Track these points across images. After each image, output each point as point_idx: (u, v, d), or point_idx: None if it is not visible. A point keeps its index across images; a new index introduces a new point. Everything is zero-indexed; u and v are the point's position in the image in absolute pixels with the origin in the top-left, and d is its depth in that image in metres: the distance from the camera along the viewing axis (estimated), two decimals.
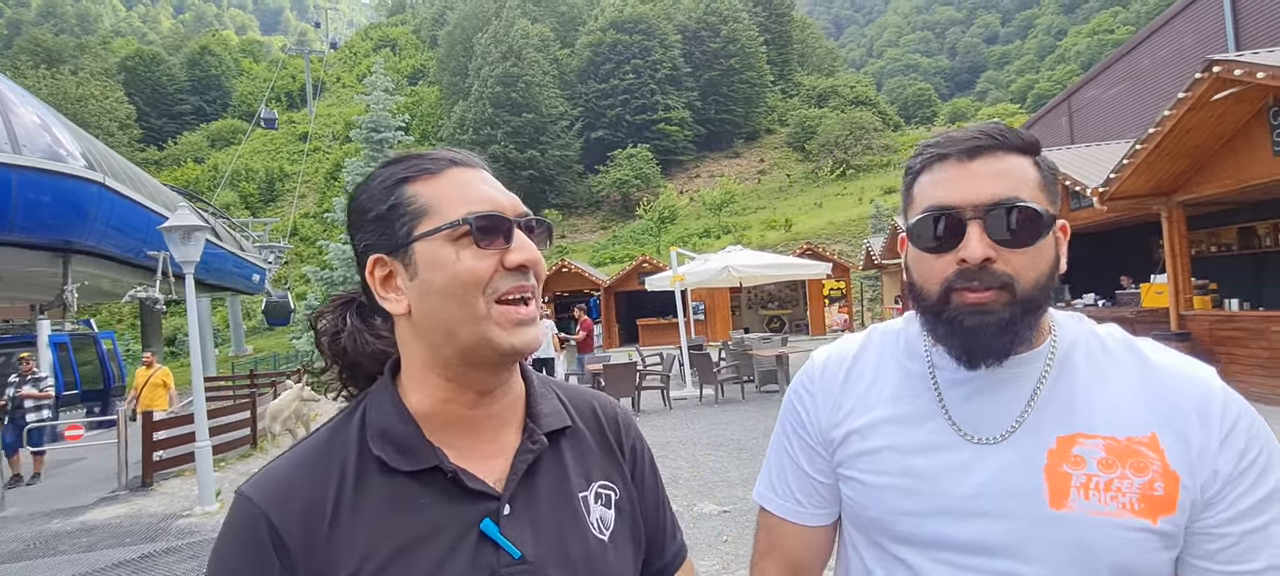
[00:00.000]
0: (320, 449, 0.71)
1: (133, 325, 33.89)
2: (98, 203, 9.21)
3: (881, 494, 0.82)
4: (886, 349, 0.89)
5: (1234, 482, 0.72)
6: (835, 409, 0.88)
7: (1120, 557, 0.72)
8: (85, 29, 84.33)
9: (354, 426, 0.73)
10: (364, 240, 0.73)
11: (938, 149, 0.79)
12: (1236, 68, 6.59)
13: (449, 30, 59.36)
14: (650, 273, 19.06)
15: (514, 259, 0.70)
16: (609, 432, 0.86)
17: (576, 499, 0.78)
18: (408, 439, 0.70)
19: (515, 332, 0.69)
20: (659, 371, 11.35)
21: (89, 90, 49.82)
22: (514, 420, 0.78)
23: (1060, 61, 72.83)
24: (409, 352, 0.74)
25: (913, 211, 0.80)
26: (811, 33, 70.92)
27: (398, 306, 0.71)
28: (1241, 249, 10.37)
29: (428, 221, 0.70)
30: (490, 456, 0.74)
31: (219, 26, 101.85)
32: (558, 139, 47.59)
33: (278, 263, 24.79)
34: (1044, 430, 0.76)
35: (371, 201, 0.73)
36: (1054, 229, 0.77)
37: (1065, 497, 0.73)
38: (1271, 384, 7.42)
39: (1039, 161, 0.78)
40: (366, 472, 0.69)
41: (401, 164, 0.74)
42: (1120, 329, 0.84)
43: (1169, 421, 0.74)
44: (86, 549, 5.77)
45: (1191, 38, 15.14)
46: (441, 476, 0.70)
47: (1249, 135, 7.35)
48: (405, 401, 0.73)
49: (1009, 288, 0.74)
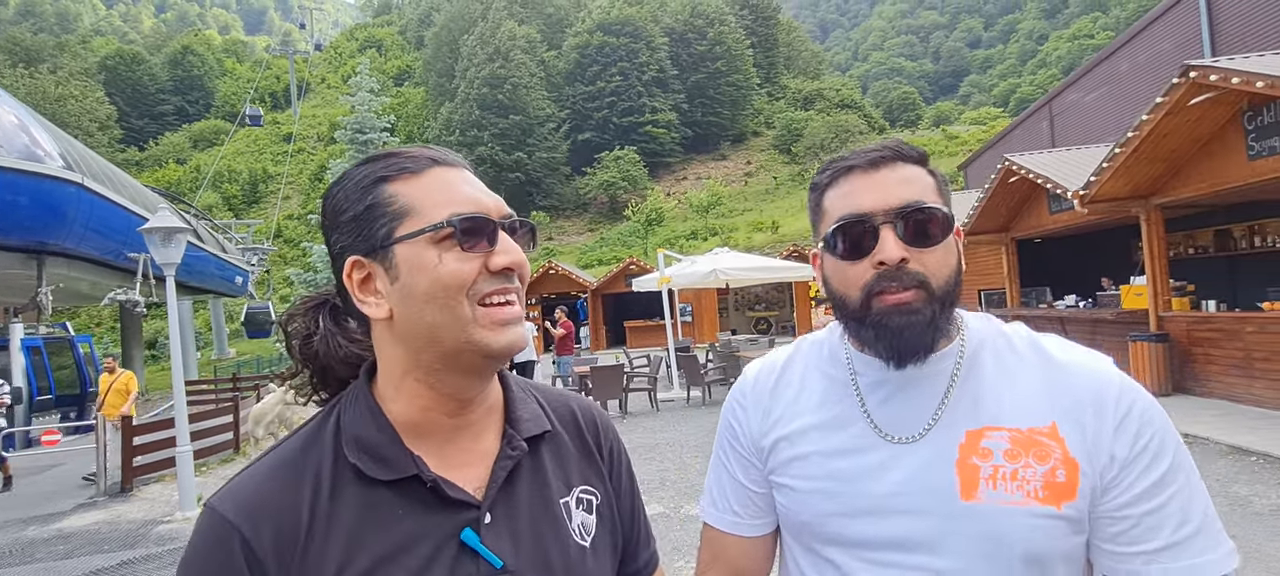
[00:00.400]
0: (293, 457, 0.68)
1: (112, 328, 33.34)
2: (76, 204, 9.06)
3: (810, 498, 0.85)
4: (812, 359, 0.93)
5: (1130, 466, 0.75)
6: (765, 418, 0.92)
7: (1029, 545, 0.75)
8: (65, 28, 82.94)
9: (328, 434, 0.70)
10: (340, 241, 0.71)
11: (843, 163, 0.84)
12: (1212, 73, 6.72)
13: (435, 31, 59.04)
14: (637, 275, 19.06)
15: (498, 262, 0.68)
16: (588, 435, 0.85)
17: (557, 505, 0.76)
18: (385, 447, 0.68)
19: (501, 333, 0.68)
20: (646, 373, 11.36)
21: (68, 90, 48.94)
22: (493, 426, 0.76)
23: (1041, 66, 73.85)
24: (387, 357, 0.71)
25: (825, 224, 0.84)
26: (798, 36, 71.33)
27: (377, 310, 0.69)
28: (1218, 251, 10.56)
29: (409, 223, 0.67)
30: (469, 464, 0.73)
31: (202, 26, 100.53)
32: (545, 141, 47.47)
33: (261, 265, 24.51)
34: (955, 426, 0.80)
35: (348, 201, 0.70)
36: (953, 232, 0.82)
37: (975, 489, 0.77)
38: (1246, 383, 7.57)
39: (932, 171, 0.84)
40: (342, 482, 0.67)
41: (380, 162, 0.71)
42: (1026, 327, 0.88)
43: (1068, 412, 0.78)
44: (63, 556, 5.67)
45: (1169, 43, 15.42)
46: (420, 485, 0.68)
47: (1224, 139, 7.49)
48: (382, 408, 0.71)
49: (925, 286, 0.78)
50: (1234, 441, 6.18)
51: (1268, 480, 5.23)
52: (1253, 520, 4.46)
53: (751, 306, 25.12)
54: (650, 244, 33.74)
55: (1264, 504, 4.73)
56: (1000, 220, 12.41)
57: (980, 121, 55.57)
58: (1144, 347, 8.56)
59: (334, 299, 0.78)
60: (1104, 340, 10.25)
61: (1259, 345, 7.37)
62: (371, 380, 0.73)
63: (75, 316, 40.90)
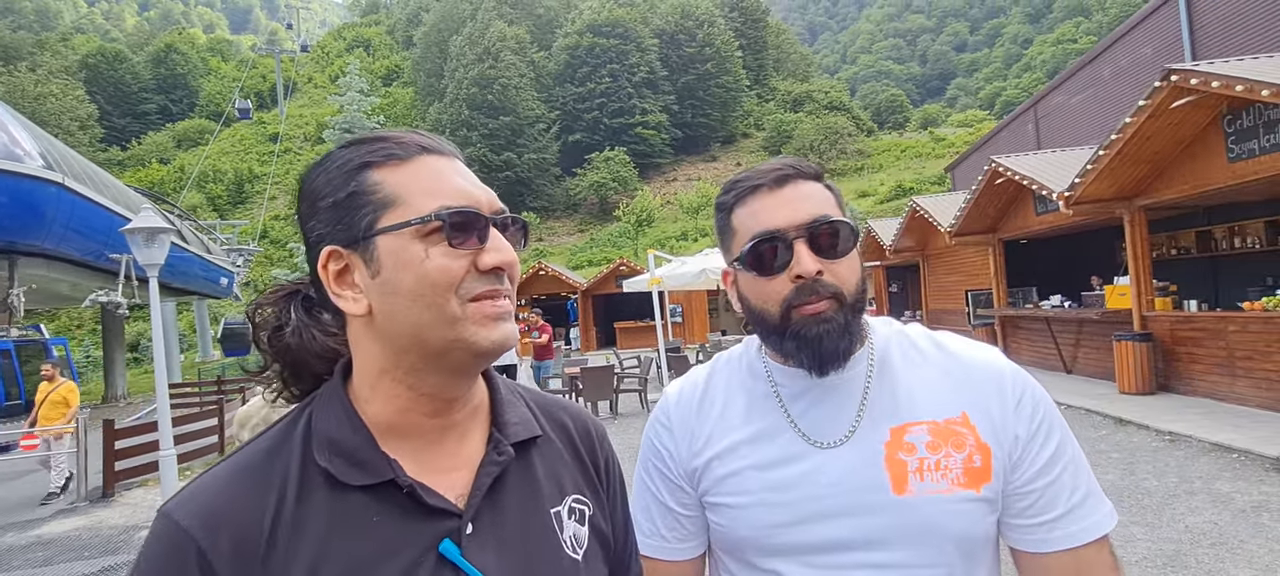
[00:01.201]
0: (258, 461, 0.63)
1: (93, 330, 32.87)
2: (56, 204, 8.92)
3: (749, 512, 0.86)
4: (732, 375, 0.95)
5: (1030, 444, 0.83)
6: (693, 438, 0.92)
7: (958, 529, 0.80)
8: (45, 25, 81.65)
9: (298, 435, 0.65)
10: (318, 228, 0.65)
11: (748, 182, 0.87)
12: (1193, 76, 6.82)
13: (424, 31, 58.78)
14: (628, 275, 19.05)
15: (488, 261, 0.64)
16: (582, 444, 0.81)
17: (548, 514, 0.71)
18: (359, 450, 0.63)
19: (492, 329, 0.64)
20: (637, 374, 11.35)
21: (48, 88, 48.21)
22: (478, 429, 0.72)
23: (1026, 70, 74.67)
24: (364, 355, 0.66)
25: (737, 243, 0.86)
26: (786, 38, 71.68)
27: (355, 306, 0.64)
28: (1200, 252, 10.71)
29: (394, 213, 0.62)
30: (452, 469, 0.68)
31: (186, 24, 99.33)
32: (535, 142, 47.38)
33: (246, 266, 24.26)
34: (878, 425, 0.84)
35: (329, 186, 0.65)
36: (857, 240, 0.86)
37: (905, 483, 0.81)
38: (1229, 382, 7.67)
39: (829, 186, 0.88)
40: (311, 487, 0.62)
41: (365, 145, 0.66)
42: (922, 326, 0.93)
43: (974, 400, 0.84)
44: (43, 563, 5.57)
45: (1150, 48, 15.64)
46: (397, 491, 0.63)
47: (1205, 142, 7.60)
48: (357, 408, 0.66)
49: (838, 296, 0.82)
50: (1217, 439, 6.27)
51: (1249, 476, 5.31)
52: (1236, 516, 4.52)
53: None
54: (640, 245, 33.76)
55: (1246, 500, 4.79)
56: (987, 221, 12.52)
57: (967, 124, 56.09)
58: (1128, 347, 8.66)
59: (307, 289, 0.73)
60: (1089, 339, 10.37)
61: (1241, 344, 7.48)
62: (346, 379, 0.69)
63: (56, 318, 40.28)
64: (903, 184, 38.54)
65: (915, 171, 41.75)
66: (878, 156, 48.48)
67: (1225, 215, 10.08)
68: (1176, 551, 4.04)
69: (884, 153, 49.22)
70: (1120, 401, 8.37)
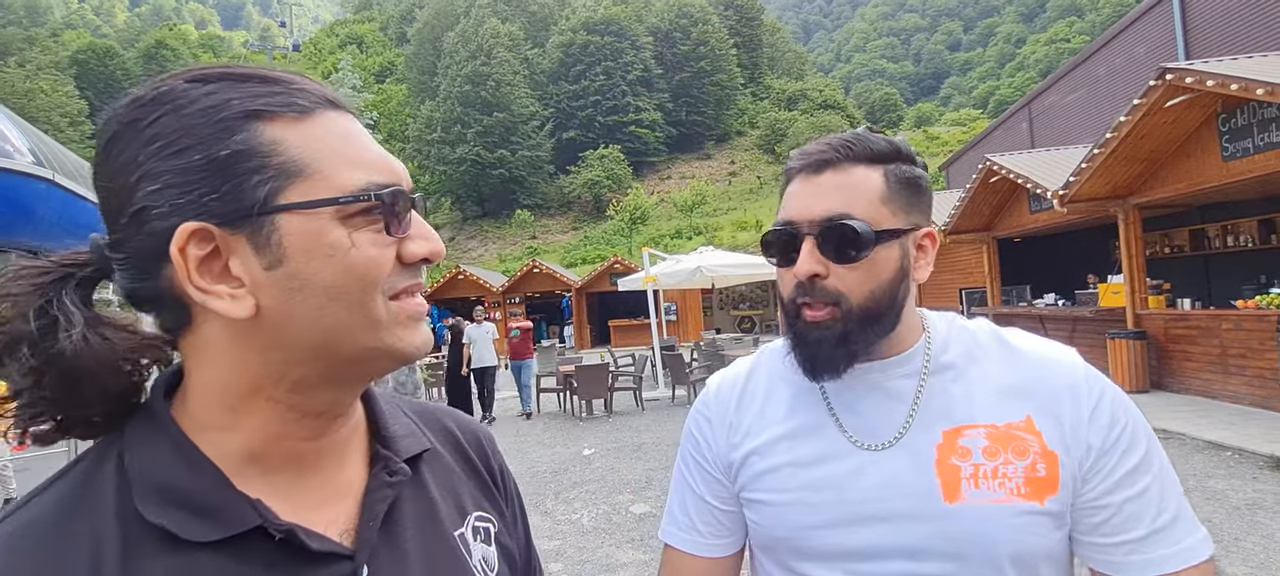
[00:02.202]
0: (45, 532, 0.45)
1: None
2: (46, 200, 8.82)
3: (786, 511, 0.81)
4: (775, 368, 0.90)
5: (1107, 454, 0.75)
6: (732, 431, 0.88)
7: (1016, 544, 0.73)
8: (34, 21, 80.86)
9: (106, 488, 0.48)
10: (163, 195, 0.47)
11: (799, 161, 0.81)
12: (1188, 75, 6.84)
13: (418, 28, 58.57)
14: (622, 274, 19.02)
15: (416, 250, 0.52)
16: (473, 453, 0.70)
17: (453, 538, 0.60)
18: (207, 494, 0.48)
19: (416, 331, 0.54)
20: (631, 372, 11.33)
21: (37, 84, 47.74)
22: (358, 448, 0.59)
23: (1020, 69, 75.12)
24: (225, 369, 0.50)
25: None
26: (781, 37, 71.84)
27: (234, 306, 0.48)
28: (1193, 250, 10.77)
29: (304, 186, 0.48)
30: (332, 500, 0.55)
31: (177, 20, 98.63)
32: (528, 139, 47.28)
33: None
34: (930, 427, 0.78)
35: (188, 135, 0.47)
36: (900, 241, 0.77)
37: (957, 491, 0.74)
38: (1222, 380, 7.71)
39: (889, 171, 0.77)
40: (139, 554, 0.46)
41: (246, 86, 0.49)
42: (989, 322, 0.87)
43: (1041, 404, 0.77)
44: None
45: (1143, 47, 15.72)
46: (265, 541, 0.49)
47: (1200, 141, 7.63)
48: (194, 439, 0.50)
49: (838, 303, 0.76)
50: (1210, 437, 6.30)
51: (1243, 474, 5.33)
52: (1230, 514, 4.53)
53: (736, 305, 25.19)
54: (635, 243, 33.75)
55: (1240, 498, 4.81)
56: (982, 220, 12.55)
57: (960, 122, 56.36)
58: (1122, 345, 8.70)
59: (85, 271, 0.52)
60: (1083, 337, 10.41)
61: (1234, 342, 7.52)
62: (170, 401, 0.52)
63: None
64: None
65: None
66: None
67: (1219, 214, 10.14)
68: None
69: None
70: None
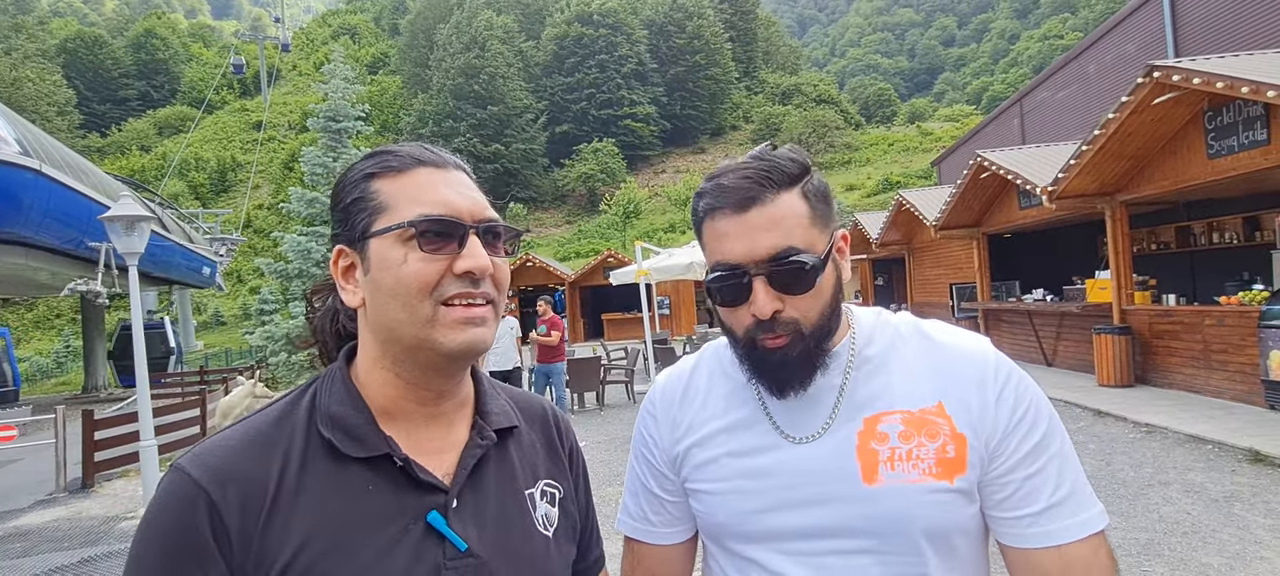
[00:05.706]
0: (267, 428, 0.69)
1: (73, 320, 32.32)
2: (33, 191, 8.75)
3: (725, 499, 0.87)
4: (716, 365, 0.95)
5: (1011, 434, 0.81)
6: (675, 426, 0.94)
7: (929, 520, 0.79)
8: (21, 9, 79.64)
9: (303, 409, 0.71)
10: (335, 228, 0.75)
11: (716, 195, 0.81)
12: (1175, 73, 6.90)
13: (410, 19, 58.13)
14: (615, 267, 19.03)
15: (461, 266, 0.69)
16: (553, 433, 0.89)
17: (523, 495, 0.79)
18: (360, 426, 0.70)
19: (461, 332, 0.69)
20: (623, 365, 11.37)
21: (24, 73, 47.13)
22: (464, 419, 0.79)
23: (1013, 65, 75.29)
24: (364, 342, 0.75)
25: (707, 258, 0.84)
26: (776, 31, 71.69)
27: (353, 299, 0.73)
28: (1179, 247, 10.87)
29: (382, 219, 0.70)
30: (440, 451, 0.75)
31: (167, 9, 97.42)
32: (522, 132, 47.09)
33: (230, 256, 23.95)
34: (853, 417, 0.84)
35: (343, 191, 0.74)
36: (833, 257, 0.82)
37: (875, 473, 0.80)
38: (1205, 375, 7.82)
39: (805, 191, 0.80)
40: (314, 456, 0.68)
41: (374, 158, 0.75)
42: (911, 316, 0.92)
43: (952, 390, 0.83)
44: (21, 554, 5.49)
45: (1134, 44, 15.80)
46: (391, 465, 0.69)
47: (1186, 138, 7.71)
48: (359, 389, 0.73)
49: (797, 329, 0.80)
50: (1191, 430, 6.39)
51: (1222, 467, 5.42)
52: (1208, 506, 4.61)
53: None
54: (628, 236, 33.71)
55: (1218, 490, 4.90)
56: (972, 215, 12.62)
57: (954, 118, 56.45)
58: (1108, 340, 8.79)
59: (328, 282, 0.82)
60: (1070, 333, 10.51)
61: (1216, 338, 7.62)
62: (350, 362, 0.76)
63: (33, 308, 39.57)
64: (890, 177, 38.78)
65: (902, 165, 42.01)
66: (865, 150, 48.71)
67: (1204, 211, 10.24)
68: (1150, 540, 4.12)
69: (871, 146, 49.46)
70: (1099, 393, 8.51)
